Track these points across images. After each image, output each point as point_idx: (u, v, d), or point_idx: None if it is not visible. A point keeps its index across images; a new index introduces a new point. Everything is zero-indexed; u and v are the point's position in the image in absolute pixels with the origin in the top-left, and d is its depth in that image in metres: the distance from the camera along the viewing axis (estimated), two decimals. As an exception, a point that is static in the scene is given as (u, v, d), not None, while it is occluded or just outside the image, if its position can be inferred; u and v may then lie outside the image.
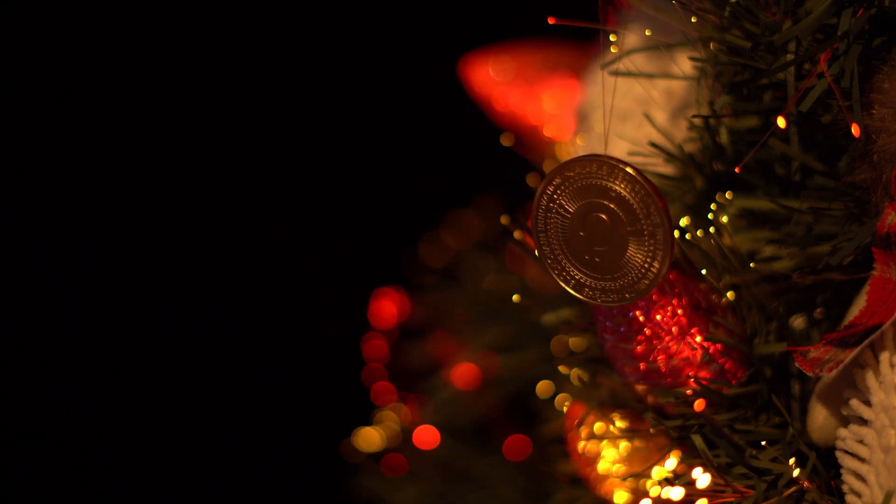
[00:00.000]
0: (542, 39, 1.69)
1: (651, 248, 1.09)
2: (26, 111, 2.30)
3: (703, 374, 1.16)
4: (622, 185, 1.09)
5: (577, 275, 1.13)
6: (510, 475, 1.70)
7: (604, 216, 1.10)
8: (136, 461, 2.31)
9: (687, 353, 1.16)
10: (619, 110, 1.33)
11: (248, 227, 2.36)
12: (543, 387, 1.52)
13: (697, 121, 1.21)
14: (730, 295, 1.18)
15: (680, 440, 1.18)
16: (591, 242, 1.11)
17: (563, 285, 1.13)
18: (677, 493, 1.14)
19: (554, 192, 1.11)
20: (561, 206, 1.11)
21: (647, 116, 1.29)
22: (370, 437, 1.77)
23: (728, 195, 1.21)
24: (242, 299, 2.36)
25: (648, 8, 1.18)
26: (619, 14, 1.31)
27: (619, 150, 1.24)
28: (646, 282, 1.10)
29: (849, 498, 1.10)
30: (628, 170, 1.08)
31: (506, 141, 1.66)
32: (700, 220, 1.21)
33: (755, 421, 1.17)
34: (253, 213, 2.36)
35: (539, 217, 1.12)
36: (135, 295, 2.33)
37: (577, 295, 1.13)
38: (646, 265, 1.10)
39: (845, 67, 1.06)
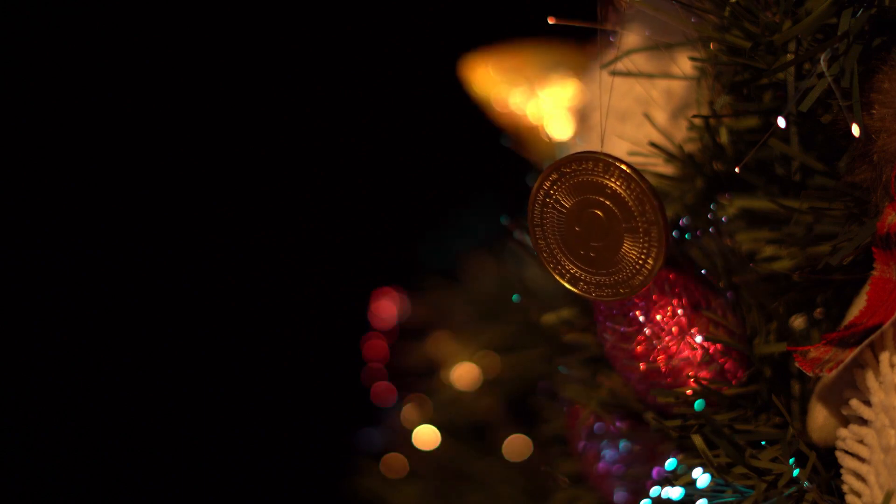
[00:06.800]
0: (542, 39, 1.69)
1: (645, 244, 1.10)
2: (26, 111, 2.30)
3: (703, 374, 1.16)
4: (617, 183, 1.10)
5: (573, 269, 1.13)
6: (510, 475, 1.70)
7: (599, 212, 1.11)
8: (137, 461, 2.31)
9: (687, 353, 1.16)
10: (619, 110, 1.33)
11: (248, 227, 2.36)
12: (543, 387, 1.52)
13: (697, 121, 1.21)
14: (729, 295, 1.18)
15: (680, 440, 1.18)
16: (586, 238, 1.12)
17: (558, 279, 1.14)
18: (677, 493, 1.14)
19: (550, 188, 1.12)
20: (557, 201, 1.12)
21: (647, 116, 1.29)
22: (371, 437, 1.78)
23: (728, 195, 1.21)
24: (242, 299, 2.36)
25: (648, 8, 1.18)
26: (619, 14, 1.31)
27: (619, 149, 1.24)
28: (640, 278, 1.11)
29: (849, 498, 1.10)
30: (623, 167, 1.09)
31: (506, 141, 1.66)
32: (700, 220, 1.21)
33: (755, 421, 1.17)
34: (253, 214, 2.36)
35: (535, 212, 1.13)
36: (135, 296, 2.34)
37: (572, 289, 1.14)
38: (640, 261, 1.11)
39: (845, 67, 1.06)
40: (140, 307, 2.33)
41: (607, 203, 1.11)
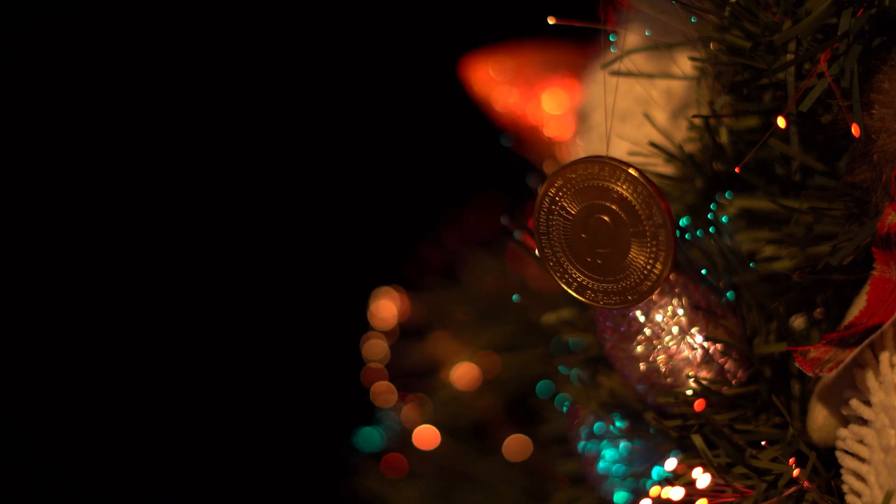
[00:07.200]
0: (542, 39, 1.69)
1: (653, 249, 1.09)
2: (26, 111, 2.30)
3: (703, 374, 1.16)
4: (624, 187, 1.09)
5: (579, 277, 1.12)
6: (510, 475, 1.70)
7: (606, 218, 1.10)
8: (137, 461, 2.31)
9: (687, 353, 1.16)
10: (619, 110, 1.33)
11: (248, 227, 2.36)
12: (543, 387, 1.52)
13: (697, 121, 1.21)
14: (730, 295, 1.18)
15: (680, 440, 1.18)
16: (593, 244, 1.11)
17: (565, 287, 1.13)
18: (677, 493, 1.14)
19: (556, 194, 1.11)
20: (563, 207, 1.11)
21: (647, 116, 1.29)
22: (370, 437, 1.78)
23: (728, 195, 1.21)
24: (243, 299, 2.36)
25: (648, 8, 1.18)
26: (619, 14, 1.31)
27: (619, 150, 1.24)
28: (648, 283, 1.10)
29: (849, 498, 1.10)
30: (630, 171, 1.08)
31: (506, 141, 1.66)
32: (700, 220, 1.21)
33: (755, 421, 1.17)
34: (253, 214, 2.36)
35: (541, 219, 1.12)
36: (135, 296, 2.33)
37: (579, 297, 1.13)
38: (648, 267, 1.10)
39: (845, 67, 1.06)
40: (140, 307, 2.33)
41: (614, 208, 1.10)
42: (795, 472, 1.12)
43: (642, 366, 1.17)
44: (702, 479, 1.13)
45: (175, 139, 2.33)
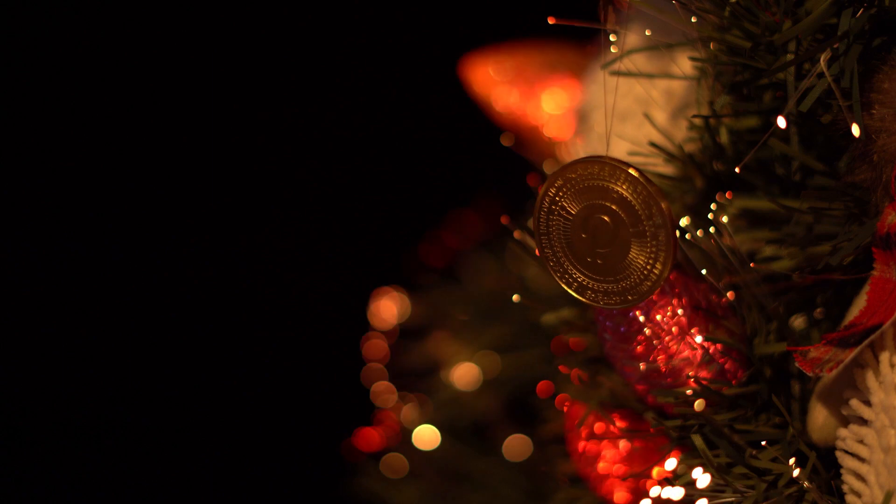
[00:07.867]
0: (542, 39, 1.69)
1: (653, 249, 1.09)
2: (26, 111, 2.30)
3: (703, 374, 1.16)
4: (624, 187, 1.09)
5: (580, 277, 1.12)
6: (510, 475, 1.70)
7: (606, 218, 1.10)
8: (137, 461, 2.31)
9: (687, 353, 1.16)
10: (620, 110, 1.33)
11: (248, 226, 2.36)
12: (543, 387, 1.52)
13: (697, 121, 1.21)
14: (730, 295, 1.18)
15: (680, 440, 1.18)
16: (593, 244, 1.11)
17: (565, 287, 1.13)
18: (677, 493, 1.14)
19: (556, 195, 1.11)
20: (563, 208, 1.11)
21: (647, 116, 1.29)
22: (370, 437, 1.78)
23: (728, 195, 1.21)
24: (243, 299, 2.36)
25: (648, 8, 1.18)
26: (619, 14, 1.31)
27: (619, 150, 1.24)
28: (648, 283, 1.10)
29: (849, 498, 1.10)
30: (630, 171, 1.08)
31: (506, 141, 1.66)
32: (700, 220, 1.21)
33: (755, 421, 1.17)
34: (253, 213, 2.36)
35: (541, 219, 1.12)
36: (135, 296, 2.34)
37: (580, 297, 1.13)
38: (648, 267, 1.10)
39: (845, 67, 1.06)
40: (140, 307, 2.33)
41: (614, 208, 1.10)
42: (795, 472, 1.12)
43: (642, 366, 1.17)
44: (702, 479, 1.13)
45: (175, 139, 2.33)
